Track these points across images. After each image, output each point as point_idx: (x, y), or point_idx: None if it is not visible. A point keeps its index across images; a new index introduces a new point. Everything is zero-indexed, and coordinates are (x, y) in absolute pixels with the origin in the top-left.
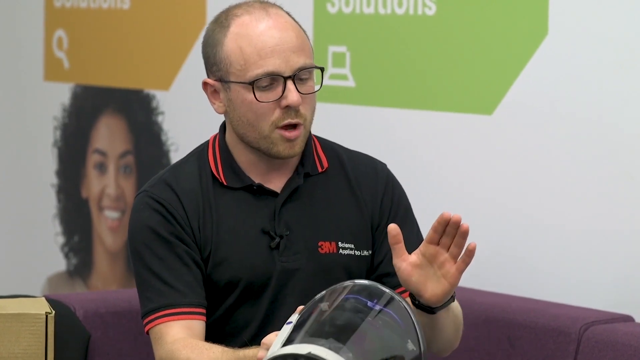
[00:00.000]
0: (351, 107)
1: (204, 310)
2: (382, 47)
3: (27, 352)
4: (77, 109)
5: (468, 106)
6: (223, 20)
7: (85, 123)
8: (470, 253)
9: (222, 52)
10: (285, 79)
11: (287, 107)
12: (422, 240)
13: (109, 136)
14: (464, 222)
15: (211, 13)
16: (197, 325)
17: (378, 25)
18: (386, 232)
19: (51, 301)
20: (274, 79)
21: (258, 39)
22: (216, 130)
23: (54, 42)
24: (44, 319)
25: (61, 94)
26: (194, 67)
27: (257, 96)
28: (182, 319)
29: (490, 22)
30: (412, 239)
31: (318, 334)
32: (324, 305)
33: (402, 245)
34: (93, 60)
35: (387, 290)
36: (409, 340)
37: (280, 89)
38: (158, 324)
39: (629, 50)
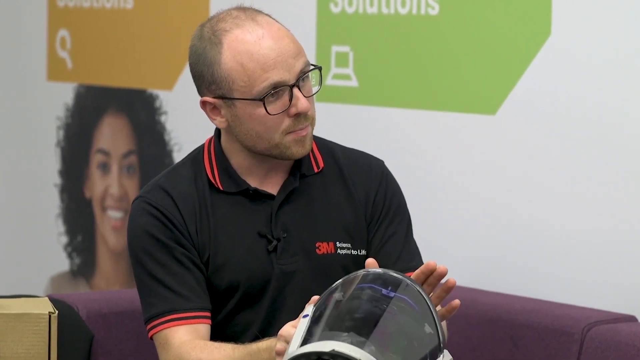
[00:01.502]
0: (354, 107)
1: (208, 314)
2: (385, 47)
3: (30, 352)
4: (80, 108)
5: (471, 106)
6: (211, 36)
7: (88, 123)
8: (448, 290)
9: (221, 71)
10: (291, 87)
11: (297, 114)
12: (411, 238)
13: (112, 136)
14: (450, 277)
15: (214, 13)
16: (203, 328)
17: (381, 25)
18: (377, 228)
19: (54, 301)
20: (280, 89)
21: (258, 53)
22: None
23: (57, 42)
24: (47, 319)
25: (64, 94)
26: None
27: (268, 110)
28: (187, 324)
29: (493, 22)
30: (400, 235)
31: (338, 328)
32: (338, 296)
33: None
34: (96, 60)
35: (401, 276)
36: (426, 324)
37: (286, 97)
38: (163, 329)
39: (632, 50)
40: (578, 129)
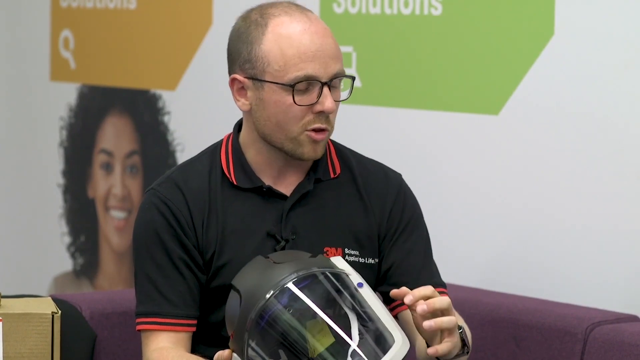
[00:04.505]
0: (357, 107)
1: (193, 322)
2: (388, 47)
3: (33, 352)
4: (84, 109)
5: (474, 106)
6: (258, 18)
7: (91, 123)
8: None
9: (259, 51)
10: (322, 84)
11: (320, 112)
12: (430, 255)
13: (115, 136)
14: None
15: (217, 13)
16: (183, 337)
17: (384, 26)
18: (393, 243)
19: (57, 301)
20: (311, 83)
21: (300, 41)
22: (222, 130)
23: (60, 42)
24: (50, 319)
25: (67, 94)
26: (200, 68)
27: (295, 100)
28: (168, 330)
29: (496, 22)
30: (419, 252)
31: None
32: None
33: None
34: (99, 61)
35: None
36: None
37: (315, 93)
38: (146, 328)
39: (635, 49)
40: (581, 129)
